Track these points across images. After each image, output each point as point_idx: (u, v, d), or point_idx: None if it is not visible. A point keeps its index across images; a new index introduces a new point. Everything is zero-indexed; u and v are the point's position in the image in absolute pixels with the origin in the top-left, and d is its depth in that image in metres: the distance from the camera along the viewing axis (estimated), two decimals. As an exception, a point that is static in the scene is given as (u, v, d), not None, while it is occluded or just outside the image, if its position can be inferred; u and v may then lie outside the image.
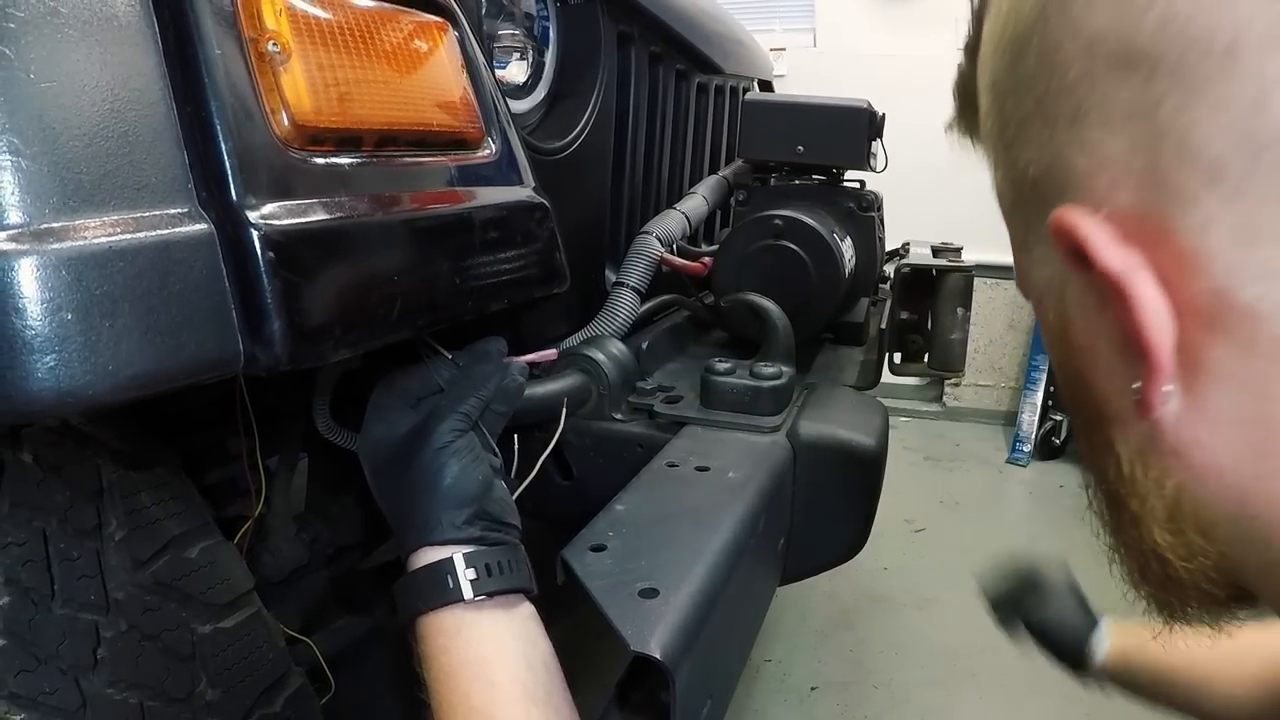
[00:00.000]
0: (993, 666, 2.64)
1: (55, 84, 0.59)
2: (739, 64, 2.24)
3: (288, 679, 1.02)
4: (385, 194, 0.83)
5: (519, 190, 1.04)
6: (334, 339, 0.74)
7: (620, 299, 1.43)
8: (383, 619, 1.42)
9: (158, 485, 0.94)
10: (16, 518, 0.83)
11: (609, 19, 1.46)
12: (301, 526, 1.30)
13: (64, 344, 0.56)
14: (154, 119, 0.65)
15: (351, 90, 0.81)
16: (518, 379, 0.99)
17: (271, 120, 0.72)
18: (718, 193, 1.82)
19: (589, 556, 0.89)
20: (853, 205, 1.73)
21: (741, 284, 1.51)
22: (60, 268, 0.56)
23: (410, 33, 0.91)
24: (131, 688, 0.86)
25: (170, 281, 0.62)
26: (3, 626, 0.80)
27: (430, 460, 0.89)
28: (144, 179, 0.63)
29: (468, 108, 0.98)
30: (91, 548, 0.87)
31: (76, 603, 0.85)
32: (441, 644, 0.85)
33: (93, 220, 0.59)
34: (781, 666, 2.68)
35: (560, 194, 1.12)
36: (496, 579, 0.86)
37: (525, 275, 1.01)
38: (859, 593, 3.04)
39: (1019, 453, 4.32)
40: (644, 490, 1.06)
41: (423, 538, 0.88)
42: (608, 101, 1.48)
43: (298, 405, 1.18)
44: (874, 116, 1.75)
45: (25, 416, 0.60)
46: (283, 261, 0.68)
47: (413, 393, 0.97)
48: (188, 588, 0.93)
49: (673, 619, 0.79)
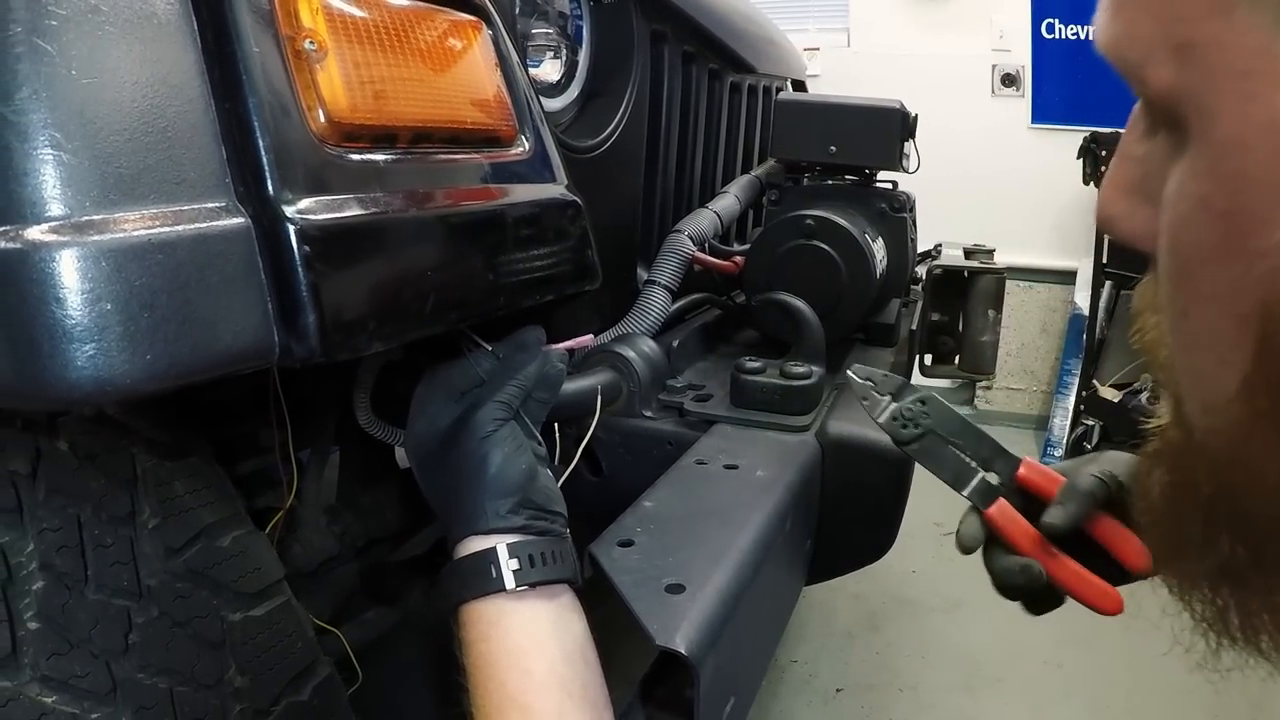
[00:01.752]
0: (1020, 672, 2.62)
1: (96, 80, 0.60)
2: (772, 63, 2.24)
3: (316, 668, 1.02)
4: (419, 190, 0.83)
5: (552, 188, 1.04)
6: (368, 332, 0.74)
7: (652, 297, 1.43)
8: (411, 610, 1.43)
9: (191, 474, 0.95)
10: (52, 504, 0.84)
11: (642, 18, 1.46)
12: (332, 518, 1.30)
13: (103, 334, 0.57)
14: (193, 115, 0.66)
15: (386, 88, 0.81)
16: (558, 366, 1.00)
17: (308, 117, 0.73)
18: (750, 192, 1.82)
19: (617, 551, 0.90)
20: (885, 206, 1.72)
21: (773, 283, 1.51)
22: (100, 259, 0.57)
23: (444, 31, 0.92)
24: (161, 673, 0.87)
25: (208, 274, 0.63)
26: (37, 610, 0.81)
27: (474, 450, 0.90)
28: (182, 174, 0.64)
29: (501, 105, 0.99)
30: (125, 535, 0.88)
31: (109, 588, 0.85)
32: (481, 632, 0.85)
33: (132, 213, 0.60)
34: (807, 667, 2.66)
35: (593, 192, 1.12)
36: (539, 570, 0.87)
37: (557, 272, 1.01)
38: (886, 595, 3.02)
39: (1050, 457, 4.23)
40: (673, 487, 1.06)
41: (468, 527, 0.89)
42: (640, 100, 1.48)
43: (331, 398, 1.19)
44: (906, 117, 1.74)
45: (65, 404, 0.61)
46: (318, 255, 0.69)
47: (455, 386, 0.98)
48: (219, 576, 0.93)
49: (698, 615, 0.80)
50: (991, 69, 4.96)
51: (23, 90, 0.57)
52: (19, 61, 0.57)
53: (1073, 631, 2.71)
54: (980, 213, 4.56)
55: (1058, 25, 4.78)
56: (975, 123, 4.82)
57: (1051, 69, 4.85)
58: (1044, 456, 4.21)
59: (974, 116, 4.85)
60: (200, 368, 0.63)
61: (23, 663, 0.80)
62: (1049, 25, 4.80)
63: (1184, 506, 0.49)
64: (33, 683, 0.80)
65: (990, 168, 4.83)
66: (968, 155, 4.53)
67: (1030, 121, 4.95)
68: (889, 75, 4.61)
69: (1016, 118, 4.96)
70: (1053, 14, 4.78)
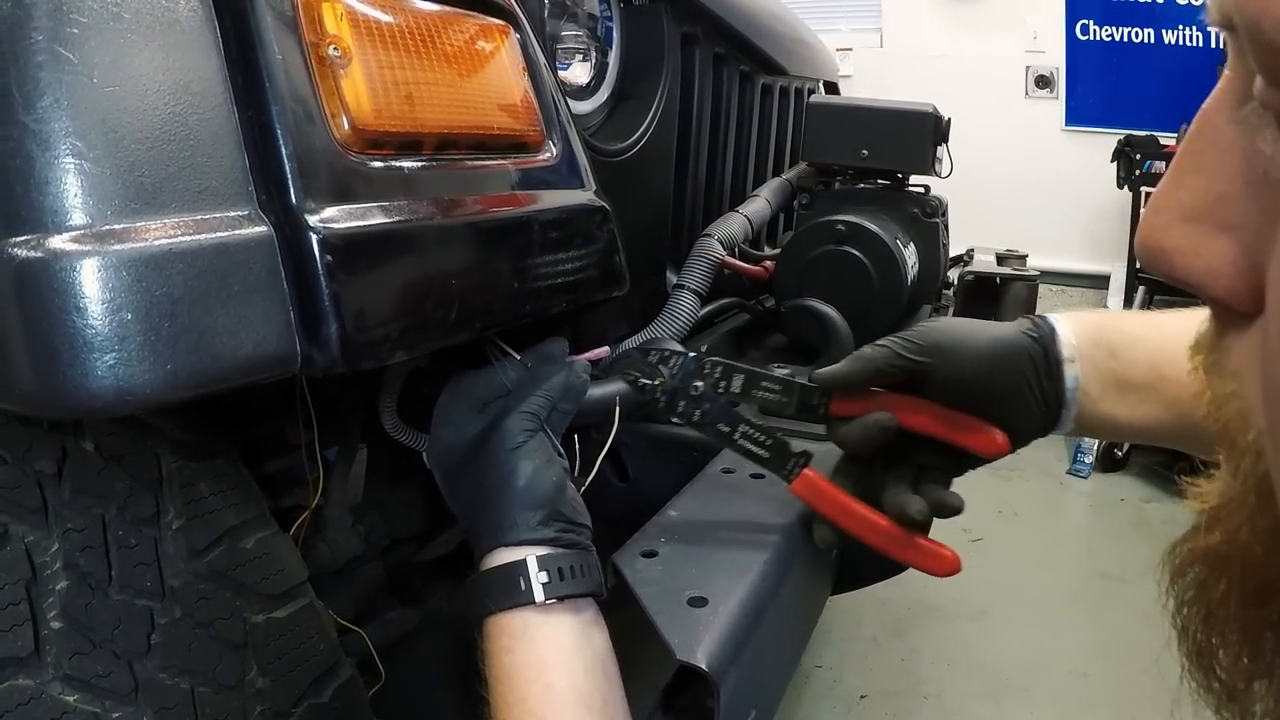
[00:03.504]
0: (1046, 682, 2.59)
1: (118, 88, 0.61)
2: (803, 65, 2.22)
3: (338, 669, 1.02)
4: (445, 198, 0.83)
5: (579, 193, 1.04)
6: (391, 341, 0.74)
7: (681, 301, 1.41)
8: (435, 610, 1.42)
9: (216, 476, 0.94)
10: (77, 504, 0.83)
11: (673, 20, 1.45)
12: (358, 518, 1.30)
13: (124, 343, 0.57)
14: (215, 123, 0.66)
15: (411, 94, 0.81)
16: (583, 377, 0.99)
17: (331, 124, 0.73)
18: (780, 196, 1.80)
19: (640, 562, 0.89)
20: (917, 211, 1.70)
21: (803, 289, 1.50)
22: (121, 269, 0.57)
23: (471, 36, 0.91)
24: (183, 673, 0.86)
25: (229, 283, 0.63)
26: (60, 610, 0.80)
27: (504, 461, 0.90)
28: (204, 182, 0.64)
29: (529, 111, 0.98)
30: (149, 535, 0.87)
31: (133, 589, 0.85)
32: (505, 644, 0.85)
33: (154, 222, 0.60)
34: (832, 673, 2.63)
35: (622, 195, 1.12)
36: (568, 583, 0.86)
37: (584, 278, 1.01)
38: (912, 601, 2.99)
39: (1080, 464, 4.20)
40: (698, 496, 1.05)
41: (497, 539, 0.88)
42: (671, 103, 1.47)
43: (358, 398, 1.19)
44: (939, 121, 1.72)
45: (85, 413, 0.62)
46: (341, 264, 0.69)
47: (479, 397, 0.97)
48: (242, 577, 0.93)
49: (720, 629, 0.79)
50: (1025, 70, 4.98)
51: (44, 99, 0.58)
52: (41, 70, 0.58)
53: (1100, 641, 2.72)
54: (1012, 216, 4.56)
55: (1092, 26, 4.80)
56: (1008, 125, 4.83)
57: (1086, 71, 4.88)
58: (1074, 464, 4.18)
59: (1007, 118, 4.85)
60: (221, 377, 0.63)
61: (45, 661, 0.79)
62: (1083, 26, 4.82)
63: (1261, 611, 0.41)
64: (55, 681, 0.79)
65: (1023, 170, 4.83)
66: (1000, 158, 4.52)
67: (1064, 124, 4.96)
68: (921, 76, 4.61)
69: (1050, 120, 4.98)
70: (1087, 15, 4.80)
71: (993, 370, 0.88)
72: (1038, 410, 0.88)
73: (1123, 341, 0.88)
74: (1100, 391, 0.88)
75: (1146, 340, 0.87)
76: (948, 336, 0.90)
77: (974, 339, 0.89)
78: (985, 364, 0.88)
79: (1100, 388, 0.88)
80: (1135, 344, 0.87)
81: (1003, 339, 0.89)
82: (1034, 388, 0.87)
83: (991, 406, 0.88)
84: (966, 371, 0.88)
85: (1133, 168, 4.26)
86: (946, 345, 0.89)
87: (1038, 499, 3.93)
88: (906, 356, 0.89)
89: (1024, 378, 0.87)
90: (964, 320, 0.93)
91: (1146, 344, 0.87)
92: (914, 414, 0.90)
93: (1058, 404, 0.88)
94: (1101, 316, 0.91)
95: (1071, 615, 2.90)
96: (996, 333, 0.90)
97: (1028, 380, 0.87)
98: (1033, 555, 3.34)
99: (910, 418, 0.90)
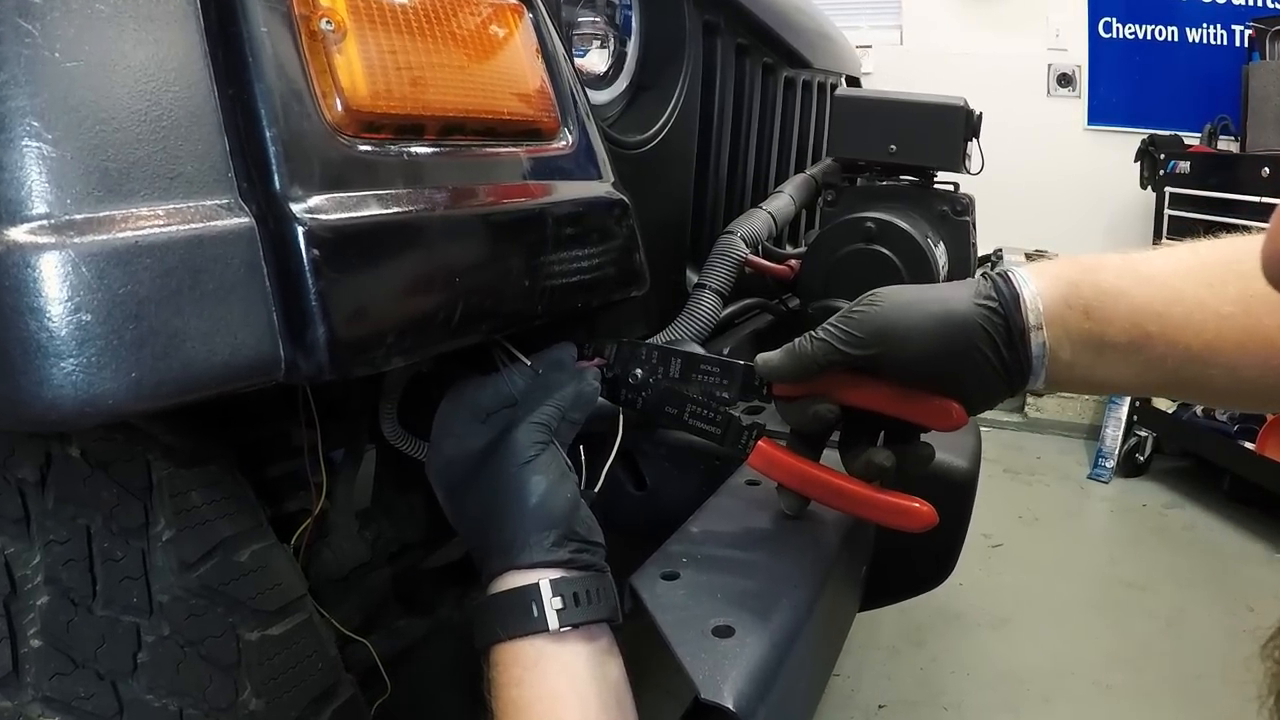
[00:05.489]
0: (1068, 693, 2.58)
1: (83, 63, 0.57)
2: (827, 59, 2.19)
3: (338, 689, 1.00)
4: (449, 186, 0.79)
5: (597, 185, 1.00)
6: (386, 346, 0.70)
7: (701, 301, 1.38)
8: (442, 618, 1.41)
9: (210, 483, 0.92)
10: (60, 514, 0.82)
11: (695, 7, 1.42)
12: (364, 523, 1.28)
13: (82, 348, 0.53)
14: (192, 102, 0.61)
15: (413, 73, 0.76)
16: (593, 384, 0.96)
17: (322, 104, 0.69)
18: (805, 192, 1.77)
19: (660, 585, 0.86)
20: (946, 209, 1.65)
21: (830, 290, 1.46)
22: (80, 264, 0.53)
23: (481, 13, 0.87)
24: (171, 694, 0.84)
25: (203, 280, 0.59)
26: (41, 627, 0.79)
27: (514, 477, 0.86)
28: (178, 168, 0.60)
29: (542, 96, 0.94)
30: (137, 548, 0.85)
31: (118, 605, 0.83)
32: (516, 675, 0.81)
33: (119, 212, 0.56)
34: (850, 682, 2.63)
35: (641, 190, 1.08)
36: (584, 609, 0.83)
37: (601, 277, 0.97)
38: (932, 609, 2.98)
39: (1101, 468, 4.22)
40: (720, 511, 1.02)
41: (508, 561, 0.85)
42: (692, 94, 1.44)
43: (365, 398, 1.16)
44: (970, 115, 1.68)
45: (41, 426, 0.57)
46: (330, 260, 0.64)
47: (483, 406, 0.94)
48: (236, 592, 0.91)
49: (748, 663, 0.75)
50: (1047, 68, 5.00)
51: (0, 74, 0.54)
52: (-2, 42, 0.54)
53: (1122, 651, 2.74)
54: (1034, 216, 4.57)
55: (1115, 24, 4.81)
56: (1029, 123, 4.83)
57: (1109, 69, 4.88)
58: (1094, 468, 4.21)
59: (1029, 117, 4.86)
60: (194, 386, 0.59)
61: (24, 682, 0.78)
62: (1106, 24, 4.83)
63: None
64: (34, 703, 0.78)
65: (1044, 170, 4.84)
66: (1022, 157, 4.49)
67: (1086, 123, 4.96)
68: (942, 74, 4.57)
69: (1072, 119, 4.99)
70: (1110, 13, 4.80)
71: (944, 353, 0.84)
72: (997, 380, 0.85)
73: (1100, 299, 0.83)
74: (1073, 355, 0.84)
75: (1129, 296, 0.82)
76: (892, 320, 0.85)
77: (922, 321, 0.84)
78: (935, 346, 0.84)
79: (1073, 351, 0.83)
80: (1115, 301, 0.82)
81: (954, 317, 0.84)
82: (992, 360, 0.83)
83: (945, 383, 0.86)
84: (914, 357, 0.84)
85: (1156, 168, 4.25)
86: (891, 331, 0.84)
87: (1058, 504, 3.97)
88: (846, 351, 0.85)
89: (979, 353, 0.83)
90: (913, 292, 0.87)
91: (1129, 300, 0.82)
92: (861, 391, 0.89)
93: (1022, 371, 0.84)
94: (1076, 270, 0.85)
95: (1093, 624, 2.92)
96: (948, 308, 0.85)
97: (984, 355, 0.83)
98: (1053, 562, 3.36)
99: (857, 395, 0.89)
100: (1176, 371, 0.80)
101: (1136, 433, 4.18)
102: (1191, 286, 0.79)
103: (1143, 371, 0.83)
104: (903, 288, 0.88)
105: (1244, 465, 3.53)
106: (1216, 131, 4.32)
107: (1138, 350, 0.81)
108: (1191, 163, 4.01)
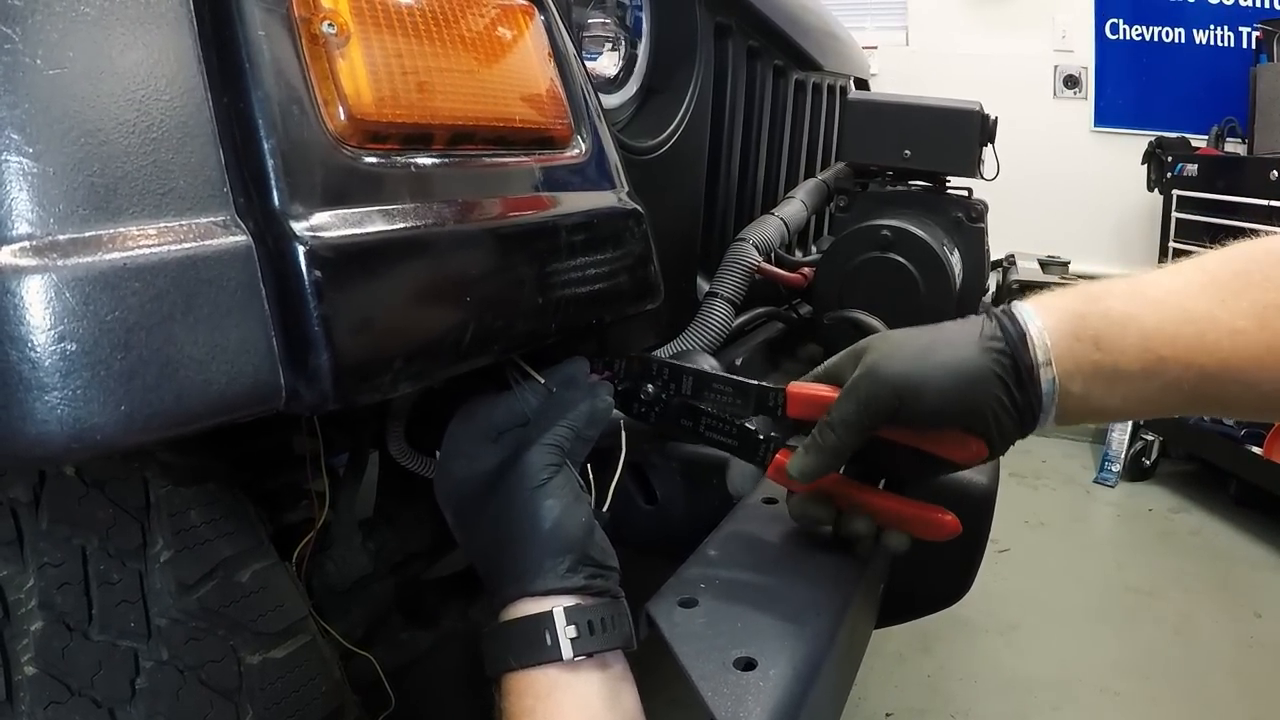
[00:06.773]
0: (1076, 700, 2.58)
1: (67, 71, 0.54)
2: (838, 61, 2.19)
3: (342, 713, 0.99)
4: (458, 199, 0.77)
5: (610, 195, 0.98)
6: (394, 372, 0.67)
7: (713, 310, 1.37)
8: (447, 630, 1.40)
9: (209, 502, 0.91)
10: (54, 535, 0.80)
11: (706, 9, 1.40)
12: (368, 533, 1.27)
13: (67, 380, 0.51)
14: (185, 112, 0.59)
15: (420, 80, 0.74)
16: (607, 400, 0.94)
17: (324, 113, 0.66)
18: (817, 198, 1.76)
19: (678, 614, 0.83)
20: (961, 215, 1.65)
21: (844, 299, 1.46)
22: (64, 289, 0.50)
23: (490, 16, 0.85)
24: None
25: (197, 304, 0.56)
26: (34, 654, 0.77)
27: (527, 501, 0.85)
28: (170, 183, 0.57)
29: (555, 101, 0.92)
30: (134, 569, 0.84)
31: (115, 629, 0.81)
32: (528, 705, 0.79)
33: (106, 232, 0.53)
34: (856, 691, 2.61)
35: (651, 196, 1.05)
36: (599, 637, 0.81)
37: (617, 290, 0.95)
38: (939, 615, 2.94)
39: (1107, 473, 4.23)
40: (739, 531, 1.00)
41: (522, 587, 0.83)
42: (703, 98, 1.42)
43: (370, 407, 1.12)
44: (986, 120, 1.68)
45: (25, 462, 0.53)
46: (333, 281, 0.62)
47: (495, 425, 0.92)
48: (236, 614, 0.89)
49: (772, 698, 0.74)
50: (1053, 70, 5.02)
51: None
52: (-28, 48, 0.51)
53: (1130, 658, 2.74)
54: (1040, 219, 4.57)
55: (1122, 25, 4.81)
56: (1036, 125, 4.84)
57: (1115, 71, 4.88)
58: (1100, 473, 4.21)
59: (1035, 119, 4.86)
60: (188, 418, 0.56)
61: (19, 710, 0.76)
62: (1113, 25, 4.83)
63: None
64: None
65: (1051, 172, 4.85)
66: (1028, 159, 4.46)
67: (1093, 125, 4.97)
68: (948, 75, 4.58)
69: (1079, 121, 5.00)
70: (1116, 14, 4.80)
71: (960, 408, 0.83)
72: (1010, 421, 0.83)
73: (1109, 328, 0.80)
74: (1085, 387, 0.82)
75: (1139, 321, 0.80)
76: (905, 381, 0.83)
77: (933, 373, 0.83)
78: (950, 399, 0.83)
79: (1085, 383, 0.81)
80: (1125, 328, 0.80)
81: (967, 369, 0.83)
82: (1005, 404, 0.82)
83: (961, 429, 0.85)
84: (932, 413, 0.83)
85: (1164, 170, 4.25)
86: (907, 392, 0.83)
87: (1064, 509, 3.98)
88: (868, 430, 0.85)
89: (995, 400, 0.82)
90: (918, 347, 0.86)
91: (1139, 325, 0.79)
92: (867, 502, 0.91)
93: (1032, 410, 0.83)
94: (1082, 301, 0.83)
95: (1100, 630, 2.92)
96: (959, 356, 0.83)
97: (999, 400, 0.82)
98: (1060, 567, 3.36)
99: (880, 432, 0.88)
100: (1194, 392, 0.79)
101: (1142, 437, 4.18)
102: (1202, 304, 0.77)
103: (1159, 396, 0.81)
104: (887, 334, 0.89)
105: (1251, 470, 3.51)
106: (1224, 134, 4.32)
107: (1152, 376, 0.80)
108: (1199, 165, 4.01)
